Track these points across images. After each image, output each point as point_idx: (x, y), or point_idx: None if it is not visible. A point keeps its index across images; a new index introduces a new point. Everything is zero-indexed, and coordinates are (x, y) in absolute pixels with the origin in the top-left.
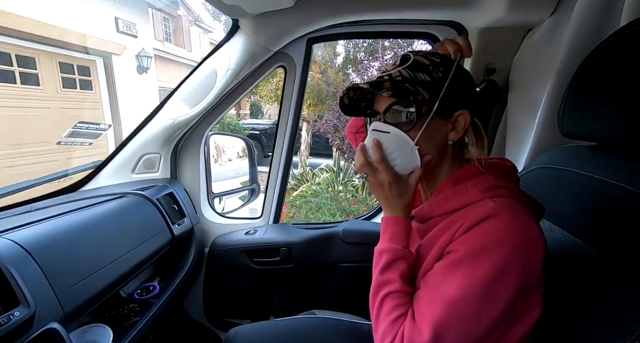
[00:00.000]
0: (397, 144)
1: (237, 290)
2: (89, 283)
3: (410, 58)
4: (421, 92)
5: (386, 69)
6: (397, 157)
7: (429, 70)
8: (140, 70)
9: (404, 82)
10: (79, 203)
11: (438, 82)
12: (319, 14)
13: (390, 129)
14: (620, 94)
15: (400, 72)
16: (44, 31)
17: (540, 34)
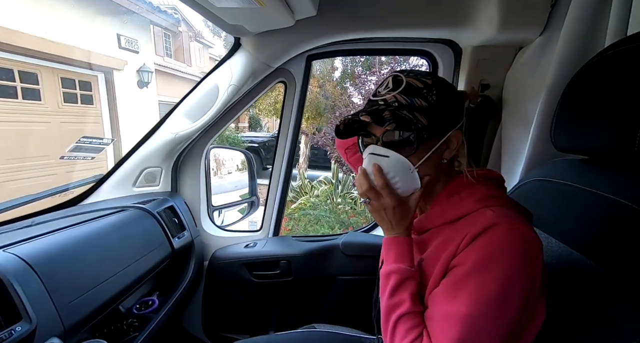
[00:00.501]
0: (397, 168)
1: (237, 304)
2: (90, 298)
3: (403, 81)
4: (420, 119)
5: (378, 92)
6: (398, 181)
7: (424, 94)
8: (141, 85)
9: (402, 109)
10: (79, 217)
11: (433, 106)
12: (318, 33)
13: (389, 153)
14: (607, 110)
15: (396, 97)
16: (47, 48)
17: (530, 52)
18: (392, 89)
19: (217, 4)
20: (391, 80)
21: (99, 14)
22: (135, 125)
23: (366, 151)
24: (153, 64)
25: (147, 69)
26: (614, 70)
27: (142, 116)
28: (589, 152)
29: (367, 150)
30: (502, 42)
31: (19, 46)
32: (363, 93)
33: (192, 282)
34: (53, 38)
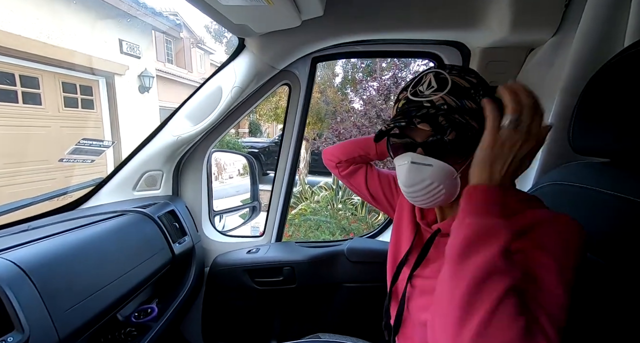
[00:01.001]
0: (442, 177)
1: (238, 312)
2: (87, 306)
3: (448, 80)
4: (472, 123)
5: (419, 91)
6: (442, 189)
7: (472, 95)
8: (142, 90)
9: (453, 113)
10: (77, 222)
11: (481, 108)
12: (324, 34)
13: (433, 161)
14: (630, 111)
15: (445, 99)
16: (48, 52)
17: (542, 53)
18: (437, 88)
19: (224, 2)
20: (433, 78)
21: (101, 19)
22: (135, 130)
23: (403, 158)
24: (154, 70)
25: (148, 74)
26: (636, 69)
27: (142, 121)
28: (611, 154)
29: (405, 158)
30: (513, 43)
31: (20, 50)
32: (365, 99)
33: (193, 289)
34: (55, 42)
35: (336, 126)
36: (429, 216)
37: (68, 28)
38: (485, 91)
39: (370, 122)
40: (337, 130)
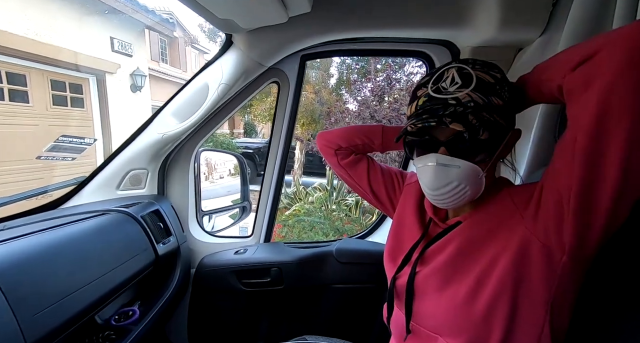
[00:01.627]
0: (469, 177)
1: (225, 314)
2: (59, 310)
3: (472, 75)
4: (499, 121)
5: (442, 88)
6: (468, 190)
7: (497, 91)
8: (134, 89)
9: (481, 110)
10: (55, 221)
11: (507, 104)
12: (313, 31)
13: (460, 163)
14: None
15: (471, 96)
16: (36, 49)
17: (531, 53)
18: (461, 85)
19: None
20: (457, 74)
21: (92, 16)
22: (127, 129)
23: (425, 159)
24: (147, 69)
25: (140, 73)
26: None
27: (134, 120)
28: None
29: (431, 159)
30: (502, 42)
31: (7, 47)
32: (359, 100)
33: (178, 291)
34: (43, 39)
35: (330, 127)
36: (441, 212)
37: (58, 25)
38: (509, 86)
39: (364, 123)
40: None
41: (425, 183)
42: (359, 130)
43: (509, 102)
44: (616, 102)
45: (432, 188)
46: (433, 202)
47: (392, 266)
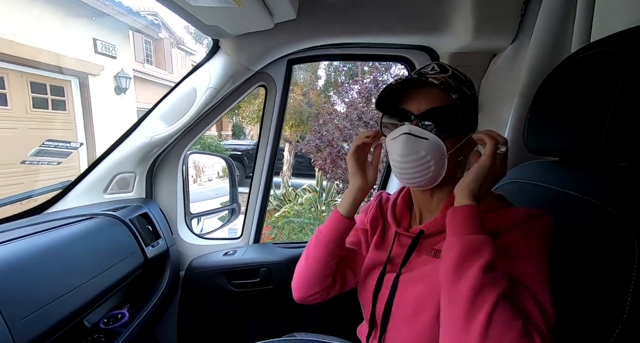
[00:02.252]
0: (435, 152)
1: (214, 315)
2: (48, 313)
3: (448, 68)
4: (467, 107)
5: (423, 72)
6: (432, 165)
7: (467, 85)
8: (119, 91)
9: (453, 91)
10: (42, 226)
11: (472, 100)
12: (298, 36)
13: (427, 135)
14: (574, 113)
15: (447, 80)
16: (15, 50)
17: (503, 59)
18: (440, 71)
19: (193, 3)
20: (436, 65)
21: (74, 17)
22: (111, 132)
23: (398, 131)
24: (132, 70)
25: (125, 75)
26: (579, 74)
27: (119, 123)
28: (559, 153)
29: (400, 130)
30: (477, 48)
31: None
32: (347, 102)
33: (167, 293)
34: (22, 40)
35: (319, 128)
36: (404, 223)
37: (38, 26)
38: (472, 92)
39: (352, 124)
40: (319, 132)
41: (395, 152)
42: (322, 245)
43: (473, 100)
44: None
45: (401, 155)
46: (400, 176)
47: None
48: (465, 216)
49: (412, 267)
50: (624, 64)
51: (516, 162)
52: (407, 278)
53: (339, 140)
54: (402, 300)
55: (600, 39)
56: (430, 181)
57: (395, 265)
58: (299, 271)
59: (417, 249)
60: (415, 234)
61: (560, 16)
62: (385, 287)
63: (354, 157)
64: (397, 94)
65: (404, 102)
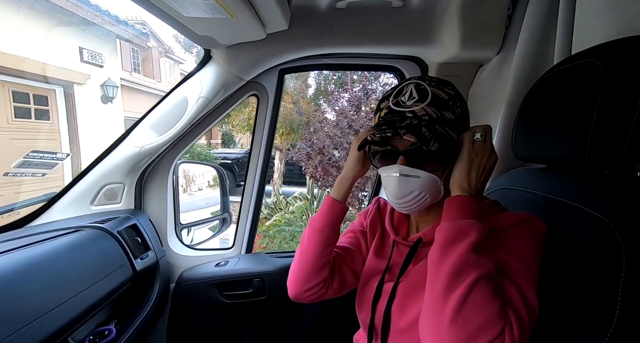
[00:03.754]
0: (428, 186)
1: (206, 328)
2: (31, 332)
3: (428, 91)
4: (451, 134)
5: (401, 101)
6: (427, 198)
7: (450, 106)
8: (105, 100)
9: (434, 124)
10: (24, 240)
11: (459, 119)
12: (290, 47)
13: (420, 173)
14: (559, 122)
15: (426, 110)
16: None
17: (490, 69)
18: (418, 99)
19: (185, 14)
20: (414, 90)
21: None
22: (97, 141)
23: (389, 170)
24: (119, 79)
25: (112, 84)
26: (562, 85)
27: (105, 132)
28: (545, 160)
29: (392, 170)
30: (464, 59)
31: None
32: (337, 109)
33: (156, 307)
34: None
35: (309, 136)
36: (402, 231)
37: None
38: (462, 102)
39: (342, 132)
40: (310, 140)
41: (390, 193)
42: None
43: (461, 116)
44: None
45: (396, 197)
46: (397, 208)
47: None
48: (456, 204)
49: (411, 276)
50: (605, 75)
51: (505, 169)
52: (406, 287)
53: (329, 148)
54: (401, 309)
55: (581, 51)
56: (426, 206)
57: (394, 274)
58: (294, 266)
59: (415, 257)
60: (414, 243)
61: (542, 28)
62: (383, 296)
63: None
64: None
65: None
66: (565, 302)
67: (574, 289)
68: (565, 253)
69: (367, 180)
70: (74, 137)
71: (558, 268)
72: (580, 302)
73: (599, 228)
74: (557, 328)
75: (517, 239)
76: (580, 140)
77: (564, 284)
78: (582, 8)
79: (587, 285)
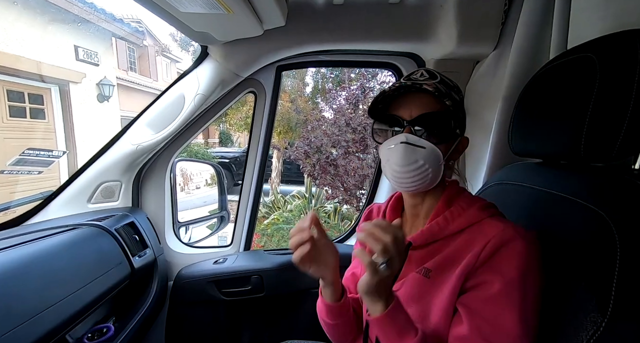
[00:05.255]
0: (431, 159)
1: (204, 325)
2: (28, 329)
3: (437, 74)
4: (458, 113)
5: (412, 78)
6: (430, 173)
7: (455, 91)
8: (101, 99)
9: (444, 97)
10: (21, 238)
11: (461, 104)
12: (287, 43)
13: (425, 143)
14: (555, 116)
15: (437, 86)
16: None
17: (486, 66)
18: (429, 77)
19: (182, 9)
20: (424, 71)
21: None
22: (94, 140)
23: (394, 140)
24: (115, 78)
25: (108, 83)
26: (558, 80)
27: (102, 131)
28: (541, 155)
29: (397, 139)
30: (461, 55)
31: None
32: (335, 108)
33: (155, 304)
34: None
35: (307, 135)
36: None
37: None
38: (461, 97)
39: (340, 130)
40: (308, 139)
41: (394, 162)
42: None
43: (462, 105)
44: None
45: (400, 165)
46: (399, 184)
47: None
48: (380, 327)
49: (405, 285)
50: (600, 69)
51: (502, 164)
52: (401, 297)
53: (327, 146)
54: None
55: (577, 46)
56: (426, 186)
57: None
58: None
59: (408, 262)
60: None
61: (538, 24)
62: None
63: (304, 262)
64: (388, 101)
65: (394, 108)
66: (560, 293)
67: (569, 281)
68: (561, 246)
69: (365, 178)
70: (70, 136)
71: (553, 261)
72: (575, 293)
73: (594, 221)
74: (552, 319)
75: (498, 281)
76: (576, 134)
77: (559, 276)
78: (578, 3)
79: (582, 276)
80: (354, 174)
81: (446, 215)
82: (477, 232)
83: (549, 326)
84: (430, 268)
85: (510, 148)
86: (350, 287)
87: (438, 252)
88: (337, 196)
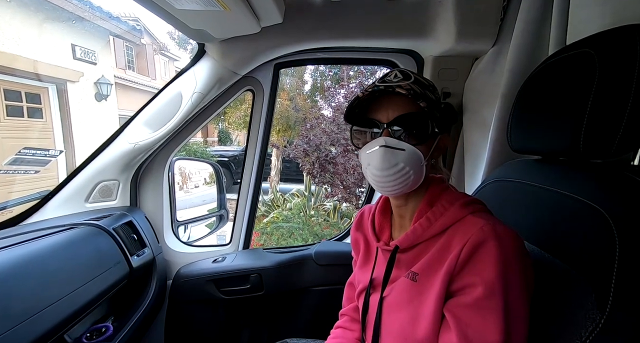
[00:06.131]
0: (412, 161)
1: (203, 324)
2: (25, 329)
3: (411, 74)
4: (434, 112)
5: (387, 80)
6: (412, 175)
7: (431, 90)
8: (99, 98)
9: (418, 98)
10: (18, 238)
11: (437, 103)
12: (285, 41)
13: (404, 146)
14: (554, 113)
15: (411, 86)
16: None
17: (485, 62)
18: (403, 78)
19: (178, 6)
20: (398, 73)
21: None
22: (92, 139)
23: (373, 144)
24: (113, 77)
25: (105, 81)
26: (557, 76)
27: (100, 130)
28: (541, 152)
29: (376, 143)
30: (460, 52)
31: None
32: (333, 106)
33: (154, 304)
34: None
35: (306, 133)
36: (384, 235)
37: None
38: (437, 96)
39: (339, 128)
40: (307, 137)
41: (374, 166)
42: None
43: (439, 103)
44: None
45: (380, 169)
46: (381, 188)
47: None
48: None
49: (395, 290)
50: (599, 64)
51: (500, 161)
52: (391, 302)
53: (326, 145)
54: (388, 325)
55: (576, 42)
56: (409, 188)
57: (378, 285)
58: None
59: (397, 266)
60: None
61: (537, 20)
62: (371, 310)
63: None
64: (365, 105)
65: (372, 111)
66: (558, 290)
67: (568, 277)
68: (559, 243)
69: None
70: (68, 136)
71: (551, 257)
72: (573, 290)
73: (593, 217)
74: (549, 316)
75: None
76: (575, 130)
77: (557, 272)
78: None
79: (581, 273)
80: (353, 172)
81: (428, 215)
82: (458, 231)
83: (547, 323)
84: (417, 271)
85: (509, 145)
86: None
87: (423, 254)
88: (337, 194)
